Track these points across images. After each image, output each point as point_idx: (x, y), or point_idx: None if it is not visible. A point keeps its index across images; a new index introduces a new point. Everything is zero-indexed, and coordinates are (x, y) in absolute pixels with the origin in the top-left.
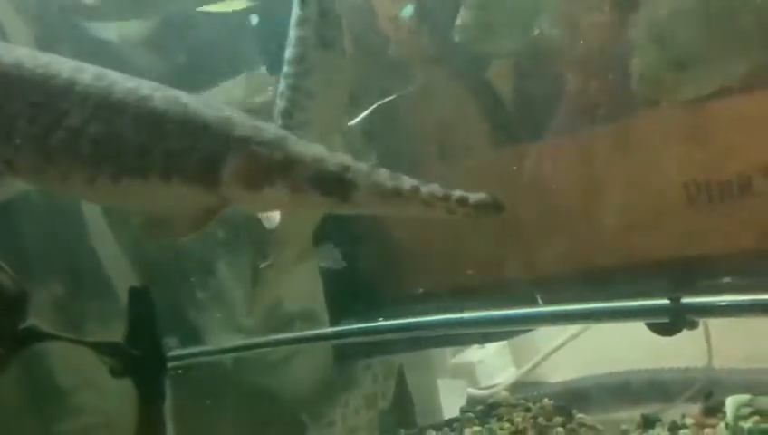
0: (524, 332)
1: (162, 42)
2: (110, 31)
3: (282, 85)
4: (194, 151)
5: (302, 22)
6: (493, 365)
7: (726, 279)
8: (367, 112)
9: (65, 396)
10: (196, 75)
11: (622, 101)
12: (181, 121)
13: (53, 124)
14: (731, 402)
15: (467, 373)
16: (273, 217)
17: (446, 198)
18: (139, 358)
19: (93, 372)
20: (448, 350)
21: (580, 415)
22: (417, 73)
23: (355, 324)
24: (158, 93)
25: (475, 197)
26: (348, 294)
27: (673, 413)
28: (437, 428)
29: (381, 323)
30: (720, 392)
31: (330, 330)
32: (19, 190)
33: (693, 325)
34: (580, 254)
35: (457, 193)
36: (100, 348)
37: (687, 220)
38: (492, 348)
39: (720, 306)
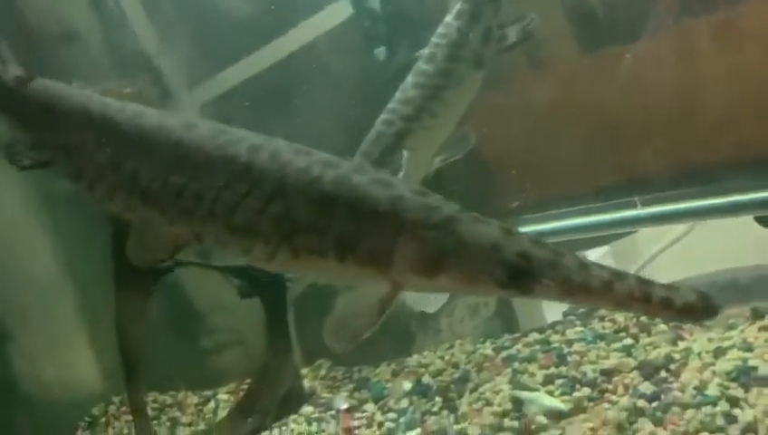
0: (625, 235)
1: None
2: None
3: (414, 93)
4: (365, 235)
5: (460, 45)
6: None
7: None
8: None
9: (202, 317)
10: (281, 13)
11: None
12: (352, 204)
13: (234, 205)
14: None
15: None
16: (443, 299)
17: (647, 299)
18: (262, 280)
19: (224, 295)
20: None
21: None
22: None
23: None
24: (330, 173)
25: (681, 298)
26: None
27: None
28: (541, 331)
29: None
30: None
31: None
32: None
33: None
34: (687, 150)
35: (660, 292)
36: (229, 272)
37: None
38: (592, 254)
39: None
